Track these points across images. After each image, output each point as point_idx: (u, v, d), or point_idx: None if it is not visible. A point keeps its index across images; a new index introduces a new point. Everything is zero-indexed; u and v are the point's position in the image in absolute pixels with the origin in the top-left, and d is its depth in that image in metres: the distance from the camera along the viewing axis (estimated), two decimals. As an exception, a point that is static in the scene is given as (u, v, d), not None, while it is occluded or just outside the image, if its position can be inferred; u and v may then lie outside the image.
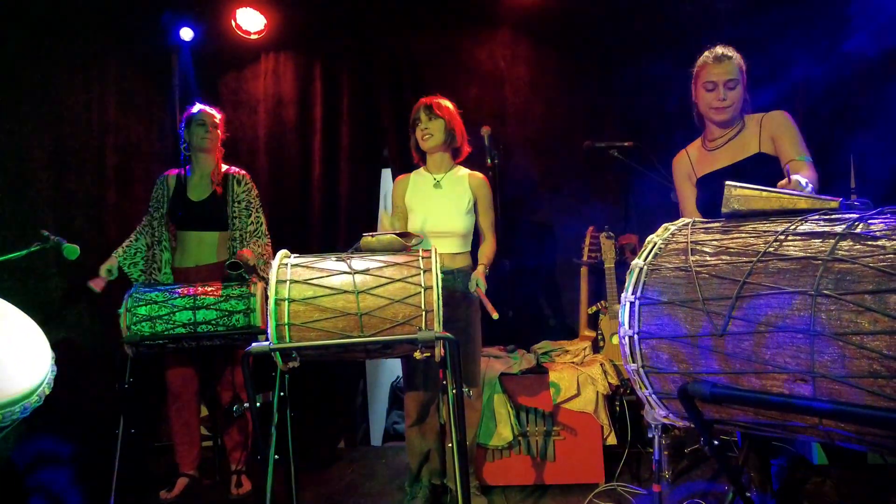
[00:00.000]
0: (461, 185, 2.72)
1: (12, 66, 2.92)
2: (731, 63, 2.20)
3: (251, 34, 3.81)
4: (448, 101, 2.75)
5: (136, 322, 2.48)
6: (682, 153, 2.38)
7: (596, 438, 2.76)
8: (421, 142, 2.71)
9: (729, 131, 2.25)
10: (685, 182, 2.34)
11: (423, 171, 2.80)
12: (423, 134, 2.68)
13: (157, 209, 2.95)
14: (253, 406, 1.97)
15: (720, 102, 2.21)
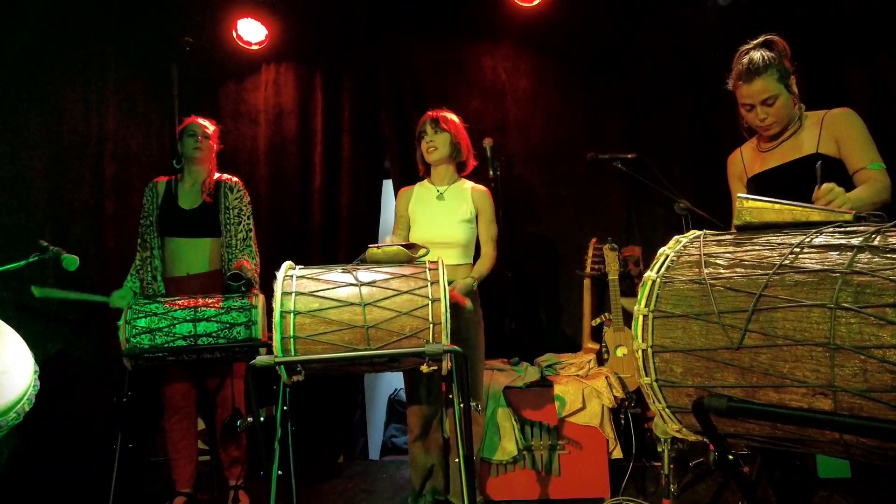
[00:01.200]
0: (464, 197, 2.71)
1: (11, 73, 2.89)
2: (764, 78, 2.01)
3: (252, 45, 3.81)
4: (454, 116, 2.75)
5: (135, 334, 2.44)
6: (736, 152, 2.28)
7: (601, 452, 2.73)
8: (425, 154, 2.70)
9: (784, 132, 2.11)
10: (737, 182, 2.27)
11: (427, 183, 2.79)
12: (427, 146, 2.68)
13: (147, 216, 2.91)
14: (257, 420, 1.93)
15: (761, 122, 2.07)
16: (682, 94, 3.47)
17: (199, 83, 3.94)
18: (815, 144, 2.04)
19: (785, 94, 2.04)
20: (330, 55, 3.82)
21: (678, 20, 3.47)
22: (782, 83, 2.03)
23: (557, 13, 3.58)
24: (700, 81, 3.36)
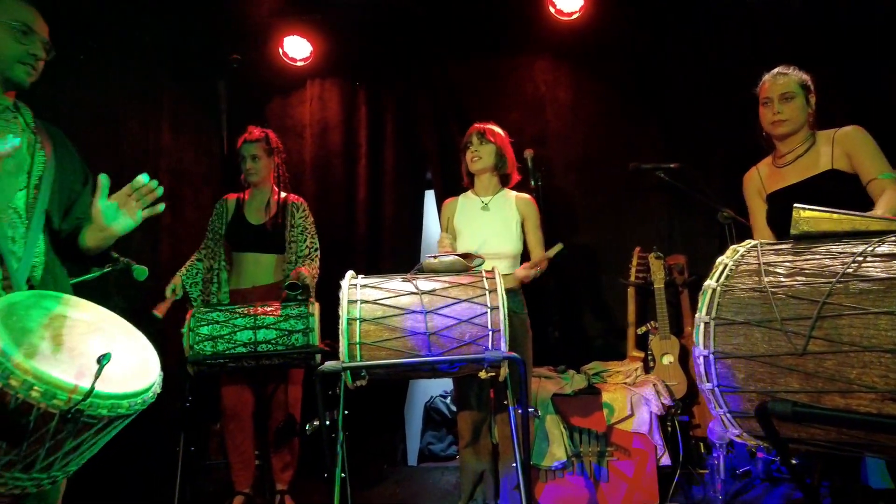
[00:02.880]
0: (509, 207, 2.78)
1: (81, 95, 3.05)
2: (788, 78, 2.23)
3: (297, 61, 3.94)
4: (500, 129, 2.82)
5: (198, 341, 2.55)
6: (753, 170, 2.39)
7: (650, 459, 2.76)
8: (469, 164, 2.78)
9: (798, 148, 2.24)
10: (755, 198, 2.35)
11: (471, 194, 2.86)
12: (472, 156, 2.76)
13: (216, 231, 3.04)
14: (323, 424, 2.01)
15: (774, 116, 2.24)
16: (722, 104, 3.48)
17: (247, 99, 4.09)
18: (829, 161, 2.17)
19: (802, 100, 2.22)
20: (373, 71, 3.93)
21: (718, 31, 3.50)
22: (803, 91, 2.23)
23: (596, 25, 3.63)
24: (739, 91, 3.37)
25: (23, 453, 1.27)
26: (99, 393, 1.29)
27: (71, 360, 1.33)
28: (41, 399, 1.22)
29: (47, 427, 1.25)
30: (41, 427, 1.25)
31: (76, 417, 1.26)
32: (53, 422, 1.25)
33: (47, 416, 1.25)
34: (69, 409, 1.24)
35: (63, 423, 1.26)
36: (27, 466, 1.30)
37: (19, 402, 1.22)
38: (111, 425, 1.38)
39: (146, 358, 1.54)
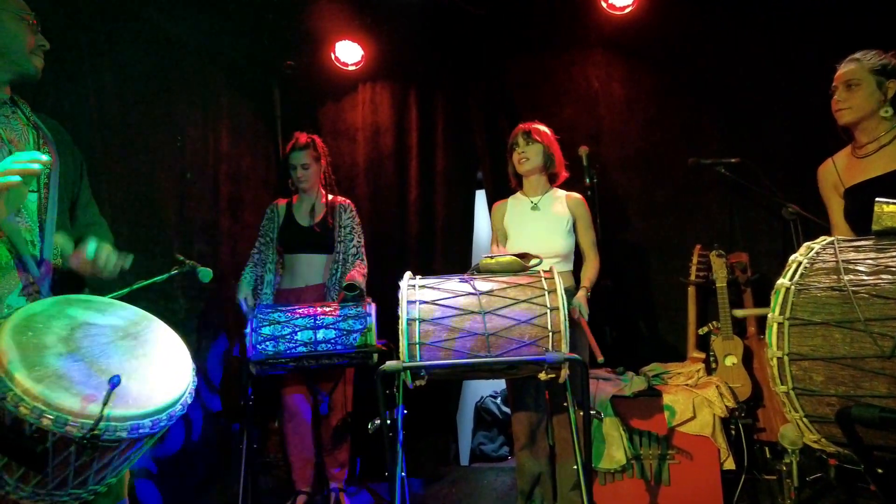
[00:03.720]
0: (559, 206, 2.75)
1: (145, 101, 3.18)
2: (856, 64, 2.11)
3: (349, 66, 4.00)
4: (546, 127, 2.79)
5: (260, 341, 2.62)
6: (828, 162, 2.26)
7: (713, 463, 2.67)
8: (517, 165, 2.76)
9: (882, 137, 2.10)
10: (832, 193, 2.23)
11: (520, 195, 2.84)
12: (519, 158, 2.74)
13: (267, 234, 3.13)
14: (384, 423, 2.04)
15: (836, 104, 2.14)
16: (785, 97, 3.35)
17: (300, 104, 4.18)
18: None
19: (871, 87, 2.09)
20: (423, 72, 3.95)
21: (777, 21, 3.36)
22: (874, 77, 2.09)
23: (649, 19, 3.55)
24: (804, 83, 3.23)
25: (51, 476, 1.25)
26: (114, 415, 1.23)
27: (88, 379, 1.28)
28: (53, 426, 1.19)
29: (67, 451, 1.23)
30: (62, 451, 1.22)
31: (93, 443, 1.21)
32: (72, 448, 1.22)
33: (65, 442, 1.21)
34: (83, 435, 1.20)
35: (82, 448, 1.22)
36: (60, 485, 1.28)
37: (33, 429, 1.20)
38: (138, 444, 1.34)
39: (176, 366, 1.49)
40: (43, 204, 1.58)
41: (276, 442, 3.68)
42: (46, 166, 1.49)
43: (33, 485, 1.25)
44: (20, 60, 1.58)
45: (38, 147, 1.61)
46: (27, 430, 1.20)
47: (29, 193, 1.55)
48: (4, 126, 1.55)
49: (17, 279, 1.49)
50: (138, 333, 1.49)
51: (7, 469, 1.24)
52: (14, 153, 1.37)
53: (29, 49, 1.59)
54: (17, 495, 1.26)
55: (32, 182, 1.55)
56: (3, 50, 1.55)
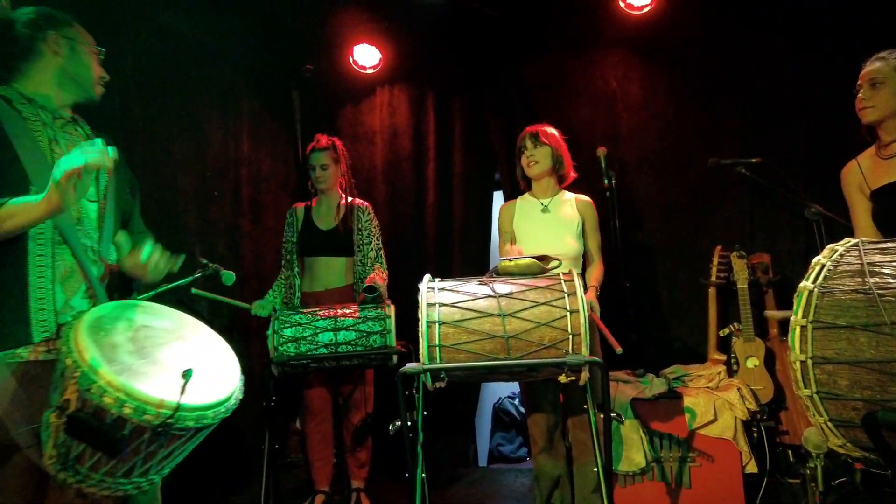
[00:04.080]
0: (569, 208, 2.74)
1: (165, 107, 3.24)
2: (882, 62, 2.08)
3: (367, 69, 4.03)
4: (554, 129, 2.78)
5: (282, 343, 2.65)
6: (853, 163, 2.22)
7: (735, 466, 2.65)
8: (526, 169, 2.76)
9: None
10: (857, 194, 2.19)
11: (529, 197, 2.84)
12: (528, 161, 2.73)
13: (289, 240, 3.17)
14: (405, 424, 2.05)
15: (860, 102, 2.11)
16: (806, 96, 3.31)
17: (319, 108, 4.22)
18: None
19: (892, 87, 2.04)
20: (441, 75, 3.97)
21: (798, 19, 3.32)
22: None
23: (667, 18, 3.53)
24: (826, 81, 3.19)
25: (122, 463, 1.34)
26: (185, 406, 1.34)
27: (156, 374, 1.38)
28: (133, 415, 1.29)
29: (141, 439, 1.32)
30: (135, 439, 1.32)
31: (166, 431, 1.32)
32: (146, 434, 1.32)
33: (140, 430, 1.31)
34: (159, 423, 1.30)
35: (154, 436, 1.32)
36: (127, 473, 1.37)
37: (114, 417, 1.29)
38: (198, 434, 1.44)
39: (227, 364, 1.59)
40: (101, 213, 1.69)
41: (296, 442, 3.72)
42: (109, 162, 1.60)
43: (102, 472, 1.35)
44: (88, 88, 1.73)
45: None
46: (108, 418, 1.29)
47: (89, 203, 1.66)
48: (68, 142, 1.66)
49: (81, 282, 1.59)
50: (187, 335, 1.60)
51: (81, 457, 1.33)
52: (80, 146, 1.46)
53: (96, 79, 1.75)
54: (86, 483, 1.36)
55: (92, 192, 1.66)
56: (76, 78, 1.69)
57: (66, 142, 1.66)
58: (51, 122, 1.64)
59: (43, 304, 1.50)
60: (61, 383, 1.34)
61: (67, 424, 1.29)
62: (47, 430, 1.36)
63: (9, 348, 1.46)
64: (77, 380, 1.29)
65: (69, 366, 1.31)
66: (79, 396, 1.29)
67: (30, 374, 1.47)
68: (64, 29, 1.67)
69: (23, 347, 1.47)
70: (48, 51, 1.64)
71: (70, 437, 1.31)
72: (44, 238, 1.53)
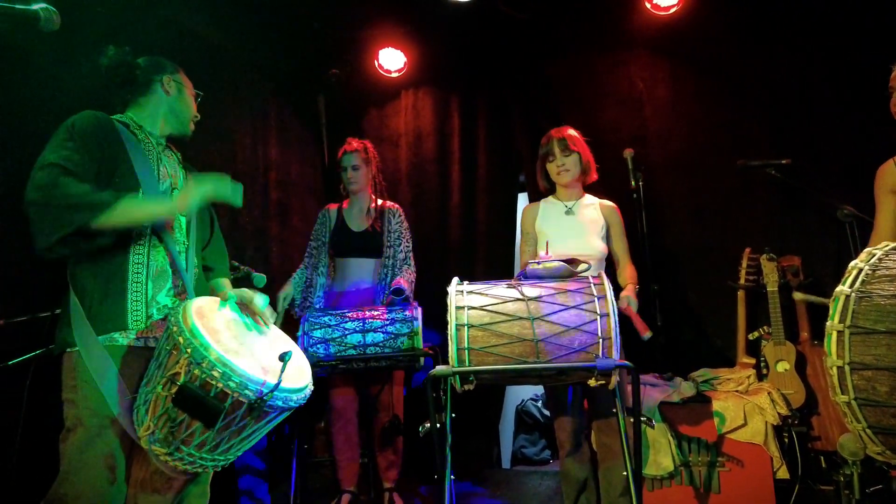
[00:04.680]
0: (593, 211, 2.74)
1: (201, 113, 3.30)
2: None
3: (392, 73, 4.07)
4: (575, 132, 2.77)
5: (312, 344, 2.69)
6: (889, 163, 2.18)
7: (766, 471, 2.62)
8: (556, 177, 2.74)
9: None
10: (886, 196, 2.15)
11: (553, 199, 2.83)
12: (558, 170, 2.71)
13: (319, 238, 3.21)
14: (433, 427, 2.07)
15: (893, 106, 2.07)
16: (836, 96, 3.26)
17: (345, 111, 4.27)
18: None
19: None
20: (465, 77, 3.99)
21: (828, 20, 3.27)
22: None
23: (694, 20, 3.51)
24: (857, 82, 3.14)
25: (214, 436, 1.47)
26: (281, 386, 1.49)
27: (252, 357, 1.54)
28: (236, 389, 1.44)
29: (236, 414, 1.46)
30: (231, 413, 1.46)
31: (260, 406, 1.45)
32: (242, 409, 1.45)
33: (238, 405, 1.46)
34: (256, 399, 1.45)
35: (249, 411, 1.47)
36: (213, 448, 1.50)
37: (218, 390, 1.44)
38: (280, 415, 1.58)
39: (300, 358, 1.76)
40: (189, 224, 1.93)
41: (322, 442, 3.76)
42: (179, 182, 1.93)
43: (194, 446, 1.49)
44: (185, 124, 2.02)
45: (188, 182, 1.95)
46: (212, 391, 1.45)
47: (181, 216, 1.89)
48: (167, 164, 1.92)
49: (168, 281, 1.79)
50: (266, 330, 1.81)
51: (178, 428, 1.48)
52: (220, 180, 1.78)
53: (192, 117, 2.05)
54: (174, 456, 1.50)
55: None
56: (178, 114, 1.98)
57: (166, 163, 1.92)
58: (155, 146, 1.91)
59: (137, 297, 1.71)
60: (168, 359, 1.49)
61: (176, 394, 1.44)
62: (146, 404, 1.51)
63: (108, 333, 1.65)
64: (190, 355, 1.44)
65: (181, 343, 1.46)
66: (188, 370, 1.44)
67: (125, 357, 1.66)
68: (175, 74, 1.98)
69: (118, 333, 1.67)
70: (162, 90, 1.94)
71: (175, 407, 1.44)
72: (144, 240, 1.76)
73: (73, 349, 1.62)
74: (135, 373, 1.63)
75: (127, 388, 1.61)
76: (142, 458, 1.64)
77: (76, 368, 1.61)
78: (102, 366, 1.60)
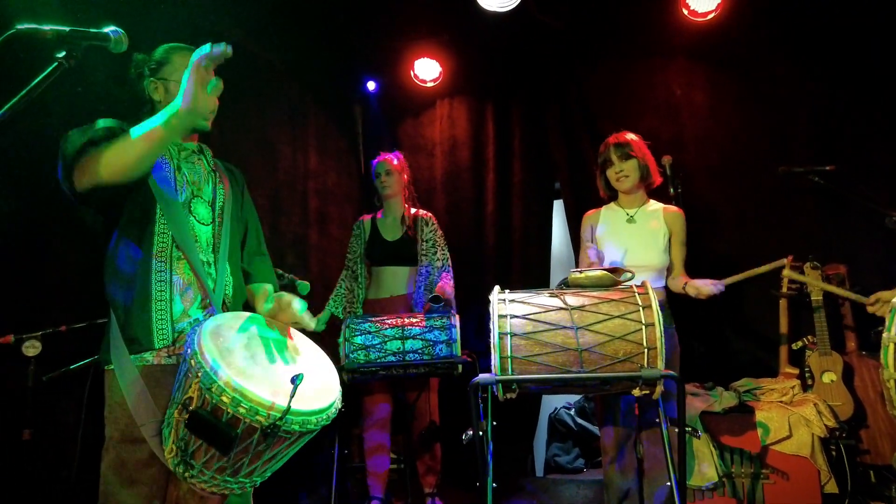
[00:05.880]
0: (656, 219, 2.70)
1: (241, 124, 3.40)
2: None
3: (427, 82, 4.12)
4: (635, 136, 2.76)
5: (353, 351, 2.73)
6: None
7: (813, 485, 2.57)
8: (616, 183, 2.71)
9: None
10: None
11: (615, 206, 2.79)
12: (618, 176, 2.67)
13: (355, 250, 3.28)
14: (476, 434, 2.09)
15: None
16: (882, 100, 3.19)
17: (380, 121, 4.33)
18: None
19: None
20: (500, 86, 4.01)
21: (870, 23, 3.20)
22: None
23: (733, 25, 3.47)
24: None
25: (231, 461, 1.42)
26: (293, 410, 1.40)
27: (266, 379, 1.46)
28: (246, 415, 1.36)
29: (251, 439, 1.40)
30: (246, 439, 1.39)
31: (274, 432, 1.38)
32: (256, 435, 1.39)
33: (251, 430, 1.39)
34: (269, 424, 1.37)
35: (263, 436, 1.39)
36: (234, 472, 1.45)
37: (229, 416, 1.37)
38: (301, 439, 1.50)
39: (328, 375, 1.66)
40: (217, 232, 1.81)
41: (359, 447, 3.80)
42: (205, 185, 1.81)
43: (214, 469, 1.44)
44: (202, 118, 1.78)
45: (214, 189, 1.86)
46: (224, 416, 1.38)
47: (203, 227, 1.78)
48: (190, 170, 1.82)
49: (198, 294, 1.72)
50: (293, 346, 1.70)
51: (196, 453, 1.43)
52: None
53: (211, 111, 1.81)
54: (198, 479, 1.45)
55: (206, 215, 1.80)
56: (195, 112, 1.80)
57: (188, 169, 1.81)
58: (176, 154, 1.80)
59: (162, 315, 1.64)
60: (185, 382, 1.44)
61: (189, 420, 1.39)
62: (169, 426, 1.47)
63: (137, 353, 1.61)
64: (200, 379, 1.39)
65: (193, 366, 1.41)
66: (200, 394, 1.39)
67: (154, 375, 1.61)
68: (158, 72, 1.79)
69: (147, 352, 1.62)
70: (154, 95, 1.80)
71: (189, 433, 1.40)
72: (164, 255, 1.68)
73: (110, 367, 1.61)
74: (165, 392, 1.58)
75: (157, 409, 1.56)
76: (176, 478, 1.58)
77: (112, 388, 1.60)
78: (133, 386, 1.57)
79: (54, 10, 2.36)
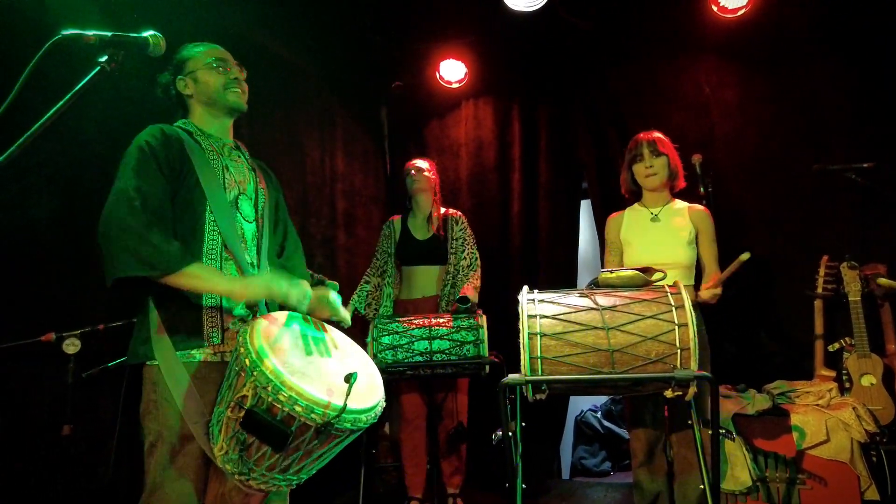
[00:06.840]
0: (681, 217, 2.68)
1: (271, 128, 3.45)
2: None
3: (452, 83, 4.13)
4: (664, 136, 2.74)
5: (380, 350, 2.75)
6: None
7: (853, 491, 2.50)
8: (643, 179, 2.69)
9: None
10: None
11: (639, 207, 2.79)
12: (647, 172, 2.66)
13: (385, 250, 3.29)
14: (506, 434, 2.08)
15: None
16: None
17: (406, 123, 4.36)
18: None
19: None
20: (526, 85, 4.00)
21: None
22: None
23: (763, 21, 3.40)
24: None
25: (282, 458, 1.44)
26: (348, 409, 1.42)
27: (319, 378, 1.47)
28: (302, 413, 1.37)
29: (304, 437, 1.41)
30: (299, 437, 1.41)
31: (327, 430, 1.40)
32: (309, 433, 1.40)
33: (305, 428, 1.40)
34: (323, 423, 1.39)
35: (316, 434, 1.41)
36: (284, 469, 1.47)
37: (285, 414, 1.39)
38: (350, 436, 1.52)
39: (372, 374, 1.68)
40: (259, 231, 1.84)
41: (386, 447, 3.82)
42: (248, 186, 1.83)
43: (265, 467, 1.45)
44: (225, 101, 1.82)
45: (257, 187, 1.88)
46: (279, 415, 1.39)
47: (248, 224, 1.81)
48: (234, 169, 1.83)
49: None
50: (339, 345, 1.72)
51: (249, 450, 1.45)
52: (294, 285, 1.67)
53: (223, 84, 1.82)
54: (248, 476, 1.47)
55: (251, 212, 1.82)
56: (212, 100, 1.82)
57: (234, 168, 1.83)
58: (220, 150, 1.82)
59: (212, 313, 1.67)
60: (237, 381, 1.45)
61: (244, 419, 1.40)
62: (219, 424, 1.48)
63: (185, 350, 1.62)
64: (256, 378, 1.39)
65: (247, 365, 1.41)
66: (255, 393, 1.40)
67: (201, 372, 1.62)
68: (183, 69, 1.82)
69: (196, 349, 1.64)
70: (186, 92, 1.83)
71: (243, 431, 1.41)
72: (214, 253, 1.71)
73: (153, 363, 1.61)
74: (212, 389, 1.60)
75: (204, 406, 1.58)
76: (219, 474, 1.61)
77: (156, 384, 1.60)
78: (181, 383, 1.58)
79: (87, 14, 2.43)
